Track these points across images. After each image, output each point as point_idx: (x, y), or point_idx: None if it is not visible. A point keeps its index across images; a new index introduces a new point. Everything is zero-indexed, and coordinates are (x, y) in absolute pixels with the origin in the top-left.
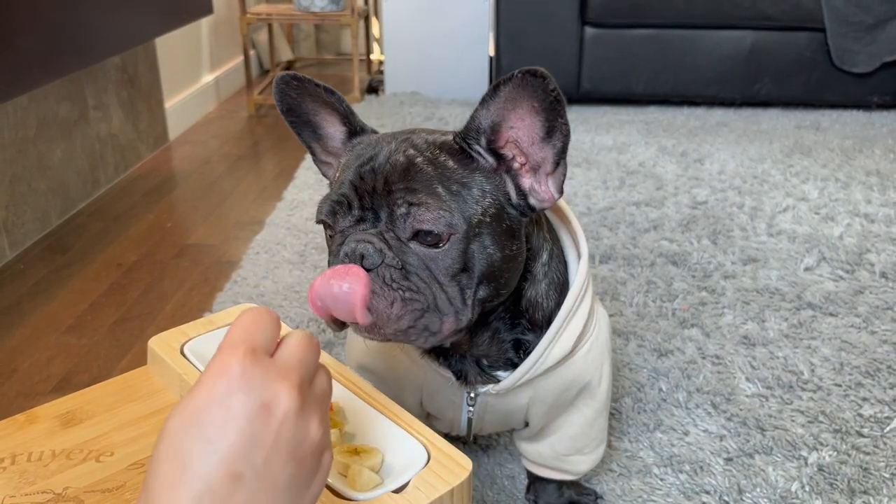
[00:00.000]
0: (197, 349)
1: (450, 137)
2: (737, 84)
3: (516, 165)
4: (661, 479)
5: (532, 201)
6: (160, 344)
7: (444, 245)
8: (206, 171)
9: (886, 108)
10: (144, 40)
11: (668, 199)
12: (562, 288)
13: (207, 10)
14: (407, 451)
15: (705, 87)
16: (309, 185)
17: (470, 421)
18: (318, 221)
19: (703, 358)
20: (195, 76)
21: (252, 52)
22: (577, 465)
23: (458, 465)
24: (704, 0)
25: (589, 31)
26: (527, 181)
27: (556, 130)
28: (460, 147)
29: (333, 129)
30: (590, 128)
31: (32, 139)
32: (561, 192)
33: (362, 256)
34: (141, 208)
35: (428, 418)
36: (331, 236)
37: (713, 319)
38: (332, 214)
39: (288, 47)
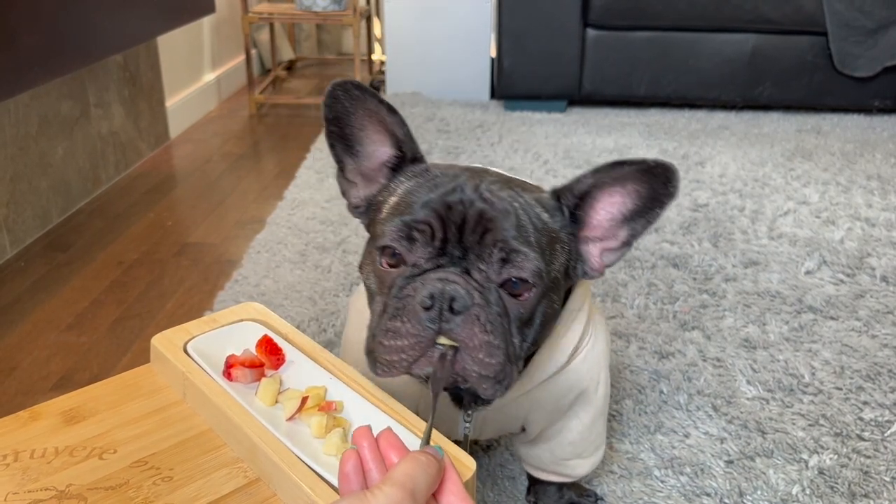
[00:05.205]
0: (200, 347)
1: (545, 193)
2: (738, 87)
3: (587, 235)
4: (662, 482)
5: (586, 269)
6: (163, 342)
7: (525, 296)
8: (206, 170)
9: (887, 113)
10: (146, 39)
11: None
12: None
13: (209, 8)
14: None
15: (707, 89)
16: (310, 185)
17: (466, 437)
18: (384, 247)
19: (704, 360)
20: (196, 75)
21: (253, 52)
22: (576, 469)
23: (462, 464)
24: (706, 3)
25: (591, 32)
26: (589, 251)
27: (643, 217)
28: (556, 204)
29: (374, 149)
30: (591, 130)
31: (34, 137)
32: (609, 267)
33: (452, 299)
34: (141, 207)
35: None
36: (391, 266)
37: (714, 322)
38: (408, 240)
39: (289, 47)
